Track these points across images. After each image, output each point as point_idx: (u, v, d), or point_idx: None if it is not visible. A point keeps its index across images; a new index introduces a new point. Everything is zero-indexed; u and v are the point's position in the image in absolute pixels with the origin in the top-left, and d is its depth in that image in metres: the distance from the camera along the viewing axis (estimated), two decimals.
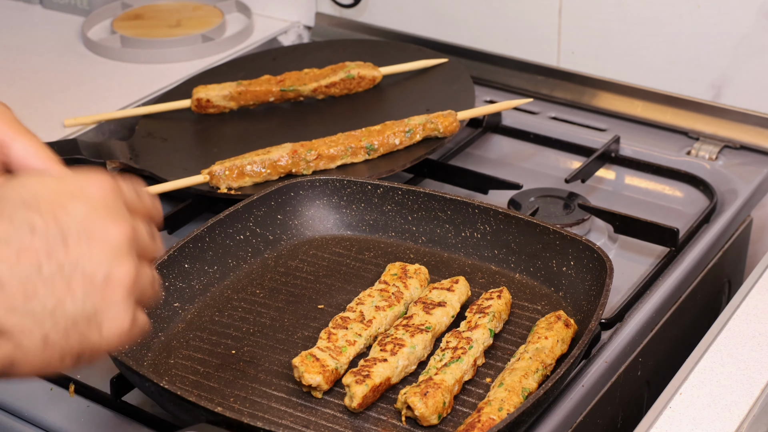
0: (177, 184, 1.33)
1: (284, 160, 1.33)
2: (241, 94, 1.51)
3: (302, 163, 1.34)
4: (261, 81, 1.52)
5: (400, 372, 1.05)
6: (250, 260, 1.23)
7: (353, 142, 1.36)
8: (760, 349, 1.08)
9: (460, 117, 1.42)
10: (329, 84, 1.52)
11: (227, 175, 1.32)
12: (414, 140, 1.39)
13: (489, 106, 1.47)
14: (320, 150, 1.35)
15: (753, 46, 1.45)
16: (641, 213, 1.34)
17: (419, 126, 1.39)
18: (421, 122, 1.39)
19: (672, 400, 1.02)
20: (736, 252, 1.40)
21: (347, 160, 1.36)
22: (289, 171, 1.34)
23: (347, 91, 1.54)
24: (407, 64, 1.58)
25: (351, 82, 1.53)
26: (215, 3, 1.87)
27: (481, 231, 1.23)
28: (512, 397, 0.99)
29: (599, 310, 1.05)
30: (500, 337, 1.11)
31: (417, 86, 1.56)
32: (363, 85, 1.54)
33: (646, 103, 1.55)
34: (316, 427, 1.01)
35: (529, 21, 1.61)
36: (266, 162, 1.33)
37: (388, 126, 1.39)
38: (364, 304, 1.13)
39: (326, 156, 1.35)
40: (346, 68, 1.53)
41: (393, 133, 1.38)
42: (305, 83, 1.52)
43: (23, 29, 1.85)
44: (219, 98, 1.50)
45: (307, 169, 1.34)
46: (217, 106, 1.51)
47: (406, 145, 1.39)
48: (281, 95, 1.52)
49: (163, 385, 0.96)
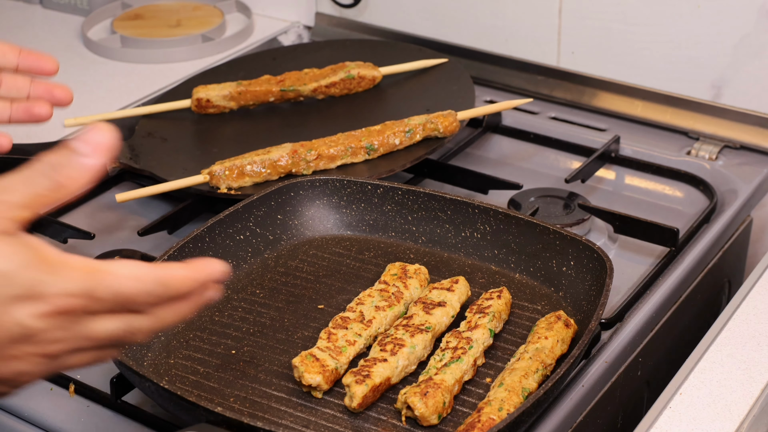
0: (177, 184, 1.33)
1: (284, 160, 1.33)
2: (241, 94, 1.51)
3: (302, 163, 1.34)
4: (261, 81, 1.52)
5: (400, 372, 1.05)
6: (250, 260, 1.23)
7: (353, 142, 1.36)
8: (760, 349, 1.08)
9: (460, 117, 1.42)
10: (329, 84, 1.52)
11: (227, 175, 1.32)
12: (414, 140, 1.39)
13: (489, 106, 1.47)
14: (320, 150, 1.35)
15: (753, 46, 1.45)
16: (641, 213, 1.34)
17: (419, 126, 1.39)
18: (421, 122, 1.39)
19: (672, 400, 1.02)
20: (736, 252, 1.41)
21: (347, 160, 1.36)
22: (289, 171, 1.34)
23: (347, 91, 1.54)
24: (407, 64, 1.58)
25: (351, 82, 1.53)
26: (215, 3, 1.88)
27: (481, 231, 1.23)
28: (512, 397, 0.99)
29: (599, 310, 1.05)
30: (500, 337, 1.11)
31: (417, 86, 1.56)
32: (363, 85, 1.54)
33: (646, 103, 1.55)
34: (316, 427, 1.01)
35: (529, 21, 1.61)
36: (266, 162, 1.33)
37: (388, 126, 1.39)
38: (364, 304, 1.13)
39: (326, 156, 1.35)
40: (346, 68, 1.53)
41: (393, 133, 1.38)
42: (305, 83, 1.52)
43: (23, 29, 1.85)
44: (219, 98, 1.50)
45: (307, 169, 1.34)
46: (217, 106, 1.51)
47: (406, 145, 1.39)
48: (281, 95, 1.52)
49: (163, 385, 0.96)
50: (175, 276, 0.73)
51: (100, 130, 0.73)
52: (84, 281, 0.70)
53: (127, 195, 1.32)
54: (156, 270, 0.72)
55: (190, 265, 0.74)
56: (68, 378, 1.11)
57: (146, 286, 0.72)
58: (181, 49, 1.73)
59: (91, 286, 0.70)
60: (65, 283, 0.70)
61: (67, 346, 0.72)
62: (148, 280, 0.72)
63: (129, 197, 1.31)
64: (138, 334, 0.74)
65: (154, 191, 1.33)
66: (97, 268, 0.71)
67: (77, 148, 0.73)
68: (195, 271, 0.74)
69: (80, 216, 1.40)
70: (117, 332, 0.73)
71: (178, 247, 1.17)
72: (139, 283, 0.72)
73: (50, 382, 1.12)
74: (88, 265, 0.71)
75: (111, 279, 0.71)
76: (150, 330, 0.75)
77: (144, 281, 0.72)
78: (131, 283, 0.71)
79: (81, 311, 0.71)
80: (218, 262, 0.75)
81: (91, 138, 0.73)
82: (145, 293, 0.72)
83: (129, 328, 0.73)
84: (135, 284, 0.71)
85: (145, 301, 0.72)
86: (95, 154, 0.73)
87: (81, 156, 0.73)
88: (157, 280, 0.72)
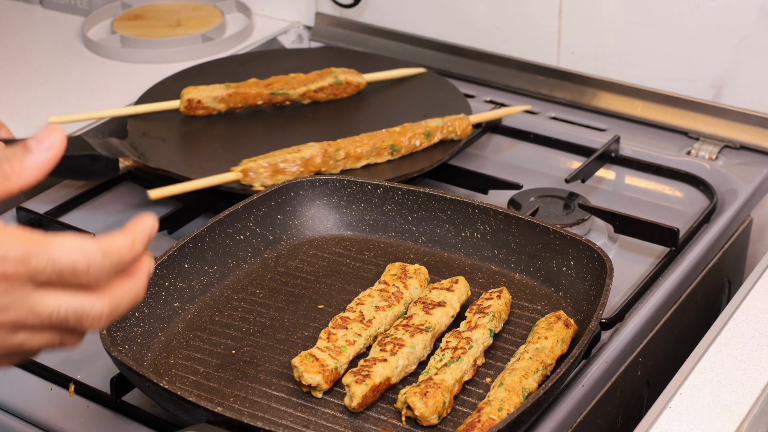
0: (209, 181, 1.31)
1: (318, 159, 1.34)
2: (231, 96, 1.50)
3: (331, 161, 1.35)
4: (249, 84, 1.52)
5: (400, 372, 1.05)
6: (250, 260, 1.23)
7: (377, 142, 1.38)
8: (760, 349, 1.08)
9: (473, 121, 1.47)
10: (318, 88, 1.53)
11: (261, 172, 1.31)
12: (432, 142, 1.43)
13: (500, 111, 1.51)
14: (347, 149, 1.36)
15: (753, 46, 1.45)
16: (641, 213, 1.34)
17: (437, 129, 1.42)
18: (439, 125, 1.43)
19: (672, 400, 1.02)
20: (736, 252, 1.41)
21: (372, 160, 1.39)
22: (320, 169, 1.35)
23: (333, 97, 1.55)
24: (390, 72, 1.60)
25: (338, 87, 1.54)
26: (215, 3, 1.88)
27: (481, 231, 1.23)
28: (512, 397, 0.99)
29: (599, 310, 1.05)
30: (500, 337, 1.11)
31: (397, 95, 1.58)
32: (348, 91, 1.55)
33: (646, 103, 1.55)
34: (316, 427, 1.01)
35: (529, 21, 1.61)
36: (298, 160, 1.33)
37: (407, 128, 1.42)
38: (363, 304, 1.13)
39: (353, 155, 1.37)
40: (333, 74, 1.54)
41: (414, 134, 1.41)
42: (294, 87, 1.52)
43: (23, 29, 1.85)
44: (209, 99, 1.50)
45: (335, 168, 1.36)
46: (207, 107, 1.50)
47: (424, 147, 1.42)
48: (270, 98, 1.52)
49: (163, 385, 0.96)
50: (115, 243, 0.74)
51: (53, 131, 0.76)
52: (20, 247, 0.71)
53: (161, 192, 1.29)
54: (95, 240, 0.73)
55: (125, 229, 0.75)
56: (68, 378, 1.11)
57: (87, 256, 0.72)
58: (181, 49, 1.73)
59: (26, 253, 0.71)
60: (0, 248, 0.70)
61: (14, 316, 0.72)
62: (87, 248, 0.72)
63: (162, 194, 1.29)
64: (93, 317, 0.74)
65: (186, 188, 1.30)
66: (36, 237, 0.72)
67: (29, 146, 0.75)
68: (131, 232, 0.75)
69: (80, 216, 1.40)
70: (67, 311, 0.73)
71: (178, 247, 1.17)
72: (77, 252, 0.72)
73: (50, 382, 1.12)
74: (27, 234, 0.72)
75: (49, 248, 0.71)
76: (104, 314, 0.74)
77: (84, 250, 0.72)
78: (69, 251, 0.72)
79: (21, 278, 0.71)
80: (148, 215, 0.77)
81: (43, 137, 0.76)
82: (86, 263, 0.72)
83: (79, 307, 0.73)
84: (73, 253, 0.72)
85: (89, 272, 0.73)
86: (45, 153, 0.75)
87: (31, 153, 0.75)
88: (98, 248, 0.73)
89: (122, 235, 0.75)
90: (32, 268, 0.71)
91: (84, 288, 0.74)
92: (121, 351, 1.04)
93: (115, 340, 1.05)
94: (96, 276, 0.73)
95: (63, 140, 0.76)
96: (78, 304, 0.73)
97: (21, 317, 0.72)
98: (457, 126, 1.43)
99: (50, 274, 0.72)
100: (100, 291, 0.74)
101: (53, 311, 0.73)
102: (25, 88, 1.64)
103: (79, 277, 0.73)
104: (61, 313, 0.73)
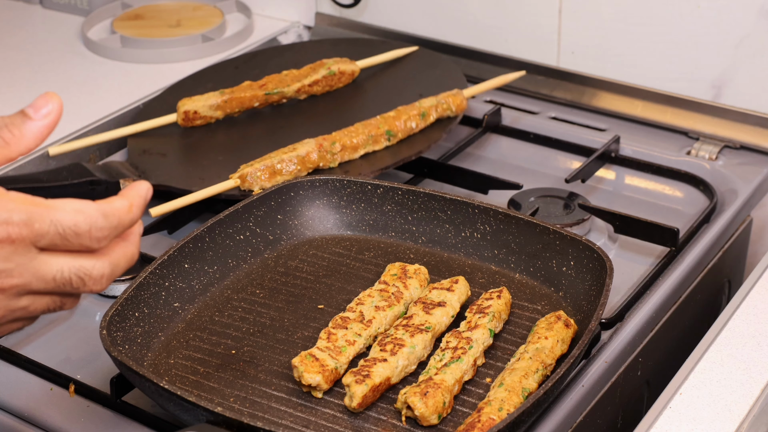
0: (208, 192, 1.31)
1: (314, 155, 1.33)
2: (226, 102, 1.49)
3: (328, 155, 1.35)
4: (243, 87, 1.51)
5: (400, 372, 1.05)
6: (250, 260, 1.23)
7: (372, 130, 1.38)
8: (760, 349, 1.08)
9: (467, 94, 1.46)
10: (312, 82, 1.53)
11: (259, 176, 1.31)
12: (428, 122, 1.43)
13: (494, 80, 1.51)
14: (343, 141, 1.36)
15: (753, 46, 1.45)
16: (641, 213, 1.34)
17: (432, 108, 1.42)
18: (433, 104, 1.42)
19: (672, 400, 1.02)
20: (736, 252, 1.41)
21: (369, 148, 1.39)
22: (317, 165, 1.35)
23: (329, 88, 1.55)
24: (382, 56, 1.59)
25: (332, 78, 1.54)
26: (215, 3, 1.88)
27: (481, 231, 1.23)
28: (512, 397, 0.99)
29: (599, 310, 1.05)
30: (500, 337, 1.11)
31: (393, 78, 1.58)
32: (343, 80, 1.55)
33: (646, 103, 1.55)
34: (316, 427, 1.01)
35: (529, 21, 1.61)
36: (295, 159, 1.33)
37: (401, 111, 1.42)
38: (363, 304, 1.13)
39: (350, 146, 1.37)
40: (326, 65, 1.54)
41: (409, 117, 1.41)
42: (288, 84, 1.52)
43: (23, 29, 1.85)
44: (206, 108, 1.49)
45: (333, 162, 1.35)
46: (204, 116, 1.49)
47: (421, 128, 1.42)
48: (266, 99, 1.51)
49: (163, 385, 0.96)
50: (114, 205, 0.76)
51: (50, 98, 0.78)
52: (23, 211, 0.72)
53: (161, 208, 1.29)
54: (96, 203, 0.75)
55: (122, 194, 0.78)
56: (68, 378, 1.11)
57: (88, 218, 0.74)
58: (181, 49, 1.73)
59: (29, 216, 0.72)
60: (3, 212, 0.72)
61: (18, 281, 0.73)
62: (89, 211, 0.74)
63: (163, 210, 1.29)
64: (95, 278, 0.76)
65: (186, 202, 1.30)
66: (39, 200, 0.73)
67: (28, 113, 0.77)
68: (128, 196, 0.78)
69: None
70: (71, 273, 0.75)
71: (178, 247, 1.17)
72: (80, 215, 0.74)
73: (50, 382, 1.12)
74: (29, 198, 0.73)
75: (51, 211, 0.73)
76: (105, 274, 0.76)
77: (85, 213, 0.74)
78: (71, 214, 0.74)
79: (25, 242, 0.72)
80: (142, 182, 0.80)
81: (40, 104, 0.78)
82: (88, 224, 0.74)
83: (82, 269, 0.75)
84: (76, 215, 0.74)
85: (90, 234, 0.74)
86: (43, 120, 0.78)
87: (30, 120, 0.77)
88: (99, 210, 0.75)
89: (120, 199, 0.77)
90: (36, 231, 0.72)
91: (85, 250, 0.75)
92: (121, 351, 1.04)
93: (115, 340, 1.05)
94: (97, 237, 0.75)
95: (59, 107, 0.78)
96: (80, 265, 0.75)
97: (26, 281, 0.74)
98: (452, 102, 1.43)
99: (53, 237, 0.73)
100: (101, 253, 0.76)
101: (57, 274, 0.74)
102: (25, 88, 1.64)
103: (81, 238, 0.74)
104: (65, 275, 0.75)
